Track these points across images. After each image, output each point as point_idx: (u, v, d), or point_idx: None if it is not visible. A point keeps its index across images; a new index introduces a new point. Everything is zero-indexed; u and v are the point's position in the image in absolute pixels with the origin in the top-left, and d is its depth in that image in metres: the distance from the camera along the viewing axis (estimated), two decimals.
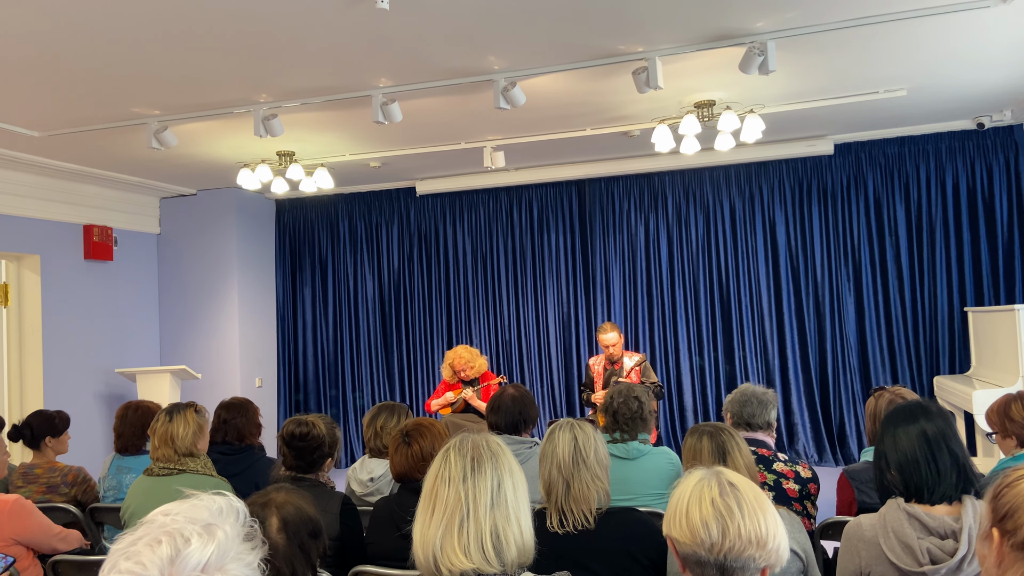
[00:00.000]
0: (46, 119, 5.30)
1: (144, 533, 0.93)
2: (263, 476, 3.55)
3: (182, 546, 0.91)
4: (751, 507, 1.47)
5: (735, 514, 1.46)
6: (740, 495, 1.49)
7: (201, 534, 0.93)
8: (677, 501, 1.53)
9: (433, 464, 1.72)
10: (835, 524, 2.79)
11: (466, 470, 1.65)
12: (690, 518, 1.48)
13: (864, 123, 6.57)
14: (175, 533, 0.92)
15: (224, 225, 7.92)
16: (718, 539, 1.45)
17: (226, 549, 0.94)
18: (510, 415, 3.52)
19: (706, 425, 2.54)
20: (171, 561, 0.90)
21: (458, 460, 1.68)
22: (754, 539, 1.44)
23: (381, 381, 8.32)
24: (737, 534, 1.44)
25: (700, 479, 1.53)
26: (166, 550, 0.90)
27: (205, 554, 0.92)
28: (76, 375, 6.99)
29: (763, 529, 1.45)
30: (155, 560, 0.89)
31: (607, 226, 7.72)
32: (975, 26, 4.34)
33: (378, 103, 4.84)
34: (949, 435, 2.10)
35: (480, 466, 1.66)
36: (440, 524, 1.60)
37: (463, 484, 1.63)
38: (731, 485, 1.50)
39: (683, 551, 1.50)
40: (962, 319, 6.78)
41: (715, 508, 1.47)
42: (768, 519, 1.47)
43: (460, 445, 1.72)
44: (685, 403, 7.45)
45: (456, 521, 1.60)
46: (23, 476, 3.73)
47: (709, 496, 1.48)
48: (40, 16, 3.64)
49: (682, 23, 4.08)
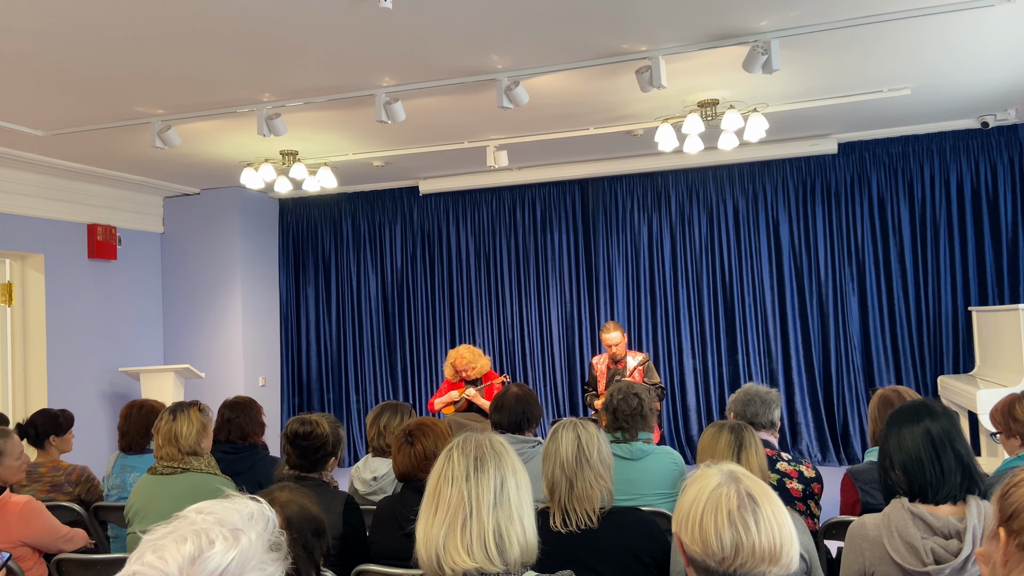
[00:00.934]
0: (50, 118, 5.31)
1: (175, 528, 0.96)
2: (266, 475, 3.56)
3: (206, 547, 0.93)
4: (768, 522, 1.41)
5: (751, 530, 1.39)
6: (758, 509, 1.42)
7: (227, 537, 0.95)
8: (692, 504, 1.46)
9: (436, 463, 1.72)
10: (839, 524, 2.79)
11: (469, 469, 1.65)
12: (703, 527, 1.42)
13: (868, 122, 6.56)
14: (202, 533, 0.94)
15: (228, 224, 7.93)
16: (730, 554, 1.39)
17: (248, 556, 0.95)
18: (513, 414, 3.52)
19: (731, 421, 2.62)
20: (192, 561, 0.91)
21: (461, 459, 1.68)
22: (768, 556, 1.39)
23: (384, 380, 8.32)
24: (751, 551, 1.39)
25: (719, 485, 1.46)
26: (190, 549, 0.92)
27: (226, 559, 0.93)
28: (80, 374, 7.01)
29: (777, 544, 1.40)
30: (177, 557, 0.91)
31: (610, 225, 7.71)
32: (979, 25, 4.33)
33: (381, 102, 4.84)
34: (954, 435, 2.09)
35: (483, 465, 1.66)
36: (443, 523, 1.60)
37: (466, 483, 1.63)
38: (749, 496, 1.43)
39: (691, 555, 1.46)
40: (966, 318, 6.76)
41: (731, 522, 1.40)
42: (784, 532, 1.41)
43: (463, 444, 1.72)
44: (688, 403, 7.44)
45: (459, 520, 1.60)
46: (27, 475, 3.73)
47: (726, 507, 1.42)
48: (44, 15, 3.65)
49: (685, 22, 4.07)
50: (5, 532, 2.98)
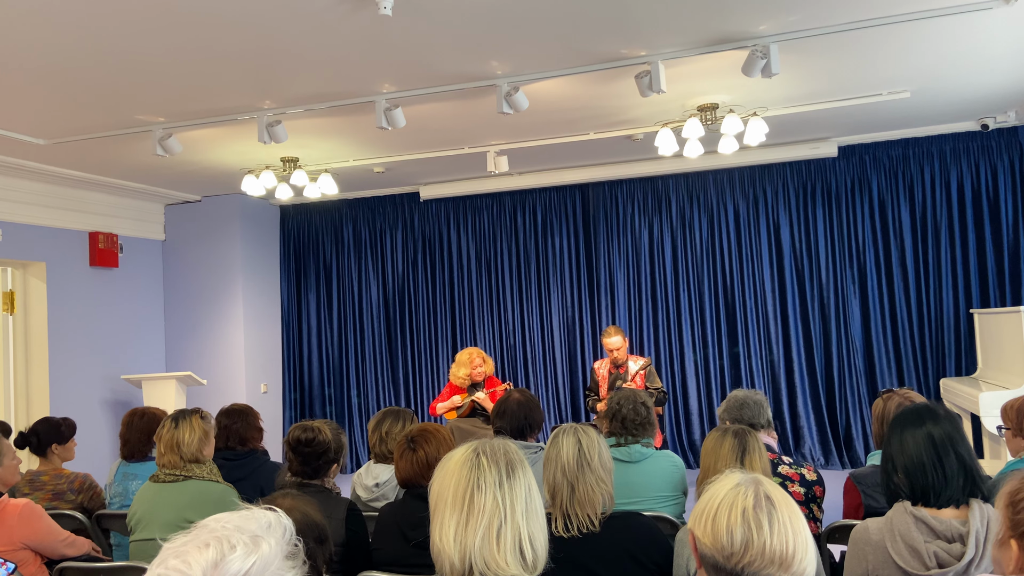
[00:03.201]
0: (52, 127, 5.32)
1: (195, 536, 0.99)
2: (268, 481, 3.56)
3: (227, 551, 0.96)
4: (782, 525, 1.40)
5: (763, 529, 1.39)
6: (774, 511, 1.42)
7: (247, 543, 0.98)
8: (709, 500, 1.48)
9: (458, 469, 1.70)
10: (842, 528, 2.78)
11: (501, 475, 1.66)
12: (716, 521, 1.43)
13: (868, 125, 6.56)
14: (223, 539, 0.97)
15: (229, 231, 7.94)
16: (739, 550, 1.39)
17: (268, 562, 0.98)
18: (516, 420, 3.52)
19: (734, 425, 2.61)
20: (214, 565, 0.94)
21: (492, 466, 1.68)
22: (778, 559, 1.38)
23: (386, 386, 8.32)
24: (760, 551, 1.39)
25: (738, 484, 1.47)
26: (212, 554, 0.95)
27: (247, 563, 0.96)
28: (82, 382, 7.01)
29: (790, 550, 1.39)
30: (200, 561, 0.94)
31: (611, 230, 7.72)
32: (978, 28, 4.33)
33: (381, 109, 4.85)
34: (956, 438, 2.09)
35: (514, 472, 1.68)
36: (477, 530, 1.60)
37: (499, 489, 1.64)
38: (767, 498, 1.44)
39: (702, 551, 1.46)
40: (968, 321, 6.75)
41: (744, 519, 1.41)
42: (798, 541, 1.40)
43: (490, 451, 1.71)
44: (690, 407, 7.43)
45: (495, 527, 1.60)
46: (29, 483, 3.74)
47: (742, 505, 1.42)
48: (45, 25, 3.66)
49: (684, 27, 4.08)
50: (6, 534, 2.99)
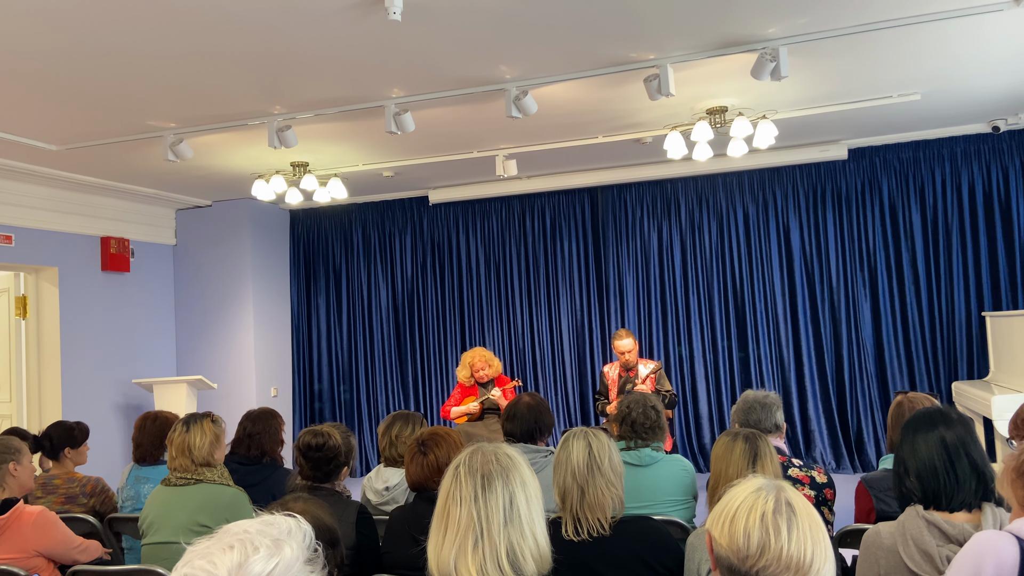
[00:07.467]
0: (64, 133, 5.37)
1: (219, 539, 1.03)
2: (280, 487, 3.57)
3: (251, 553, 1.00)
4: (801, 532, 1.38)
5: (781, 535, 1.38)
6: (794, 517, 1.40)
7: (270, 546, 1.01)
8: (728, 502, 1.47)
9: (444, 482, 1.71)
10: (854, 532, 2.77)
11: (476, 489, 1.65)
12: (734, 523, 1.42)
13: (878, 128, 6.54)
14: (247, 541, 1.01)
15: (239, 236, 7.98)
16: (754, 553, 1.38)
17: (289, 565, 1.02)
18: (526, 423, 3.52)
19: (744, 429, 2.59)
20: (239, 566, 0.98)
21: (468, 479, 1.67)
22: (795, 567, 1.36)
23: (395, 390, 8.34)
24: (776, 556, 1.37)
25: (760, 488, 1.46)
26: (236, 555, 0.99)
27: (269, 565, 0.99)
28: (94, 386, 7.05)
29: (808, 558, 1.37)
30: (225, 562, 0.98)
31: (620, 233, 7.71)
32: (988, 29, 4.31)
33: (391, 113, 4.87)
34: (968, 442, 2.08)
35: (490, 484, 1.65)
36: (453, 544, 1.60)
37: (474, 504, 1.62)
38: (788, 505, 1.42)
39: (718, 552, 1.45)
40: (980, 324, 6.71)
41: (763, 522, 1.39)
42: (817, 550, 1.38)
43: (470, 462, 1.71)
44: (700, 411, 7.41)
45: (470, 541, 1.59)
46: (42, 487, 3.76)
47: (761, 509, 1.41)
48: (56, 31, 3.69)
49: (693, 30, 4.08)
50: (20, 542, 3.00)
